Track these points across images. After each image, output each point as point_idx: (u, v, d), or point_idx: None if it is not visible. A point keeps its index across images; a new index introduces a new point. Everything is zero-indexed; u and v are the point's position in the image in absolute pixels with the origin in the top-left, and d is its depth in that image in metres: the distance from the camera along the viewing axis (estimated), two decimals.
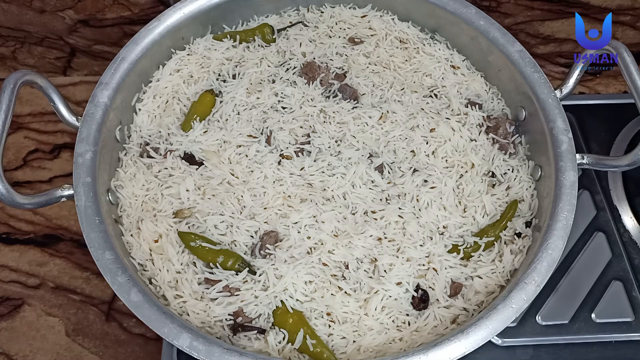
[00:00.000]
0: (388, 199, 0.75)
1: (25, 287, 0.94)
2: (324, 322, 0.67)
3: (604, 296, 0.82)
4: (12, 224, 0.99)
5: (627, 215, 0.89)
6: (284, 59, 0.87)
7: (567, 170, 0.72)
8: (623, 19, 1.08)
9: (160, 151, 0.77)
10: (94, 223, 0.66)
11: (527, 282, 0.65)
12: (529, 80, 0.79)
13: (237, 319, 0.67)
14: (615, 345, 0.79)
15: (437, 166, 0.78)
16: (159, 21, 0.82)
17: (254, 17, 0.91)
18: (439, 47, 0.89)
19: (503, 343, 0.78)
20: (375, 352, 0.66)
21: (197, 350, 0.60)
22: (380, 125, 0.80)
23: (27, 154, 1.06)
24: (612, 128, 0.97)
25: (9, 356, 0.89)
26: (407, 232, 0.72)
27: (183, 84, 0.84)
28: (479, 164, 0.78)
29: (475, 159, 0.78)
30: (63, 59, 1.14)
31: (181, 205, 0.73)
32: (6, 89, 0.68)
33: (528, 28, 1.10)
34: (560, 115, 0.75)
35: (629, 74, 0.73)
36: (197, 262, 0.70)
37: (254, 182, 0.75)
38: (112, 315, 0.92)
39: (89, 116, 0.73)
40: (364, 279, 0.69)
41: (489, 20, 0.84)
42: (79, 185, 0.68)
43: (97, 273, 0.80)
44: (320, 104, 0.82)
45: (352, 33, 0.90)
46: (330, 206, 0.73)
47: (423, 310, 0.69)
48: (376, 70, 0.86)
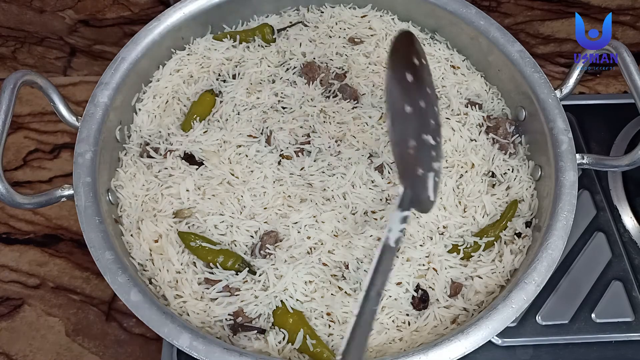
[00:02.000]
0: (388, 199, 0.75)
1: (25, 287, 0.94)
2: (324, 322, 0.67)
3: (604, 296, 0.82)
4: (12, 224, 0.99)
5: (627, 215, 0.89)
6: (284, 59, 0.87)
7: (567, 170, 0.72)
8: (623, 19, 1.08)
9: (160, 151, 0.77)
10: (94, 223, 0.66)
11: (527, 282, 0.65)
12: (529, 80, 0.79)
13: (237, 319, 0.67)
14: (615, 345, 0.79)
15: None
16: (159, 21, 0.82)
17: (254, 17, 0.91)
18: (439, 47, 0.89)
19: (503, 343, 0.78)
20: (375, 352, 0.66)
21: (197, 350, 0.60)
22: (380, 125, 0.80)
23: (27, 154, 1.06)
24: (612, 128, 0.97)
25: (9, 356, 0.89)
26: (407, 232, 0.72)
27: (183, 84, 0.84)
28: (479, 164, 0.78)
29: (475, 159, 0.79)
30: (63, 59, 1.14)
31: (181, 205, 0.73)
32: (6, 89, 0.68)
33: (528, 28, 1.10)
34: (560, 115, 0.76)
35: (629, 74, 0.73)
36: (197, 262, 0.70)
37: (254, 182, 0.75)
38: (112, 315, 0.92)
39: (89, 116, 0.73)
40: (364, 279, 0.69)
41: (489, 20, 0.84)
42: (79, 185, 0.68)
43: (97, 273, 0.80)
44: (320, 104, 0.82)
45: (352, 33, 0.90)
46: (330, 206, 0.73)
47: (423, 310, 0.69)
48: (376, 70, 0.86)
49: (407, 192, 0.58)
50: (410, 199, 0.58)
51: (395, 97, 0.59)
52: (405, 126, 0.59)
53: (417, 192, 0.59)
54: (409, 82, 0.59)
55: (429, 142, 0.60)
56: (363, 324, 0.53)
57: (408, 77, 0.60)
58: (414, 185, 0.59)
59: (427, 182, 0.60)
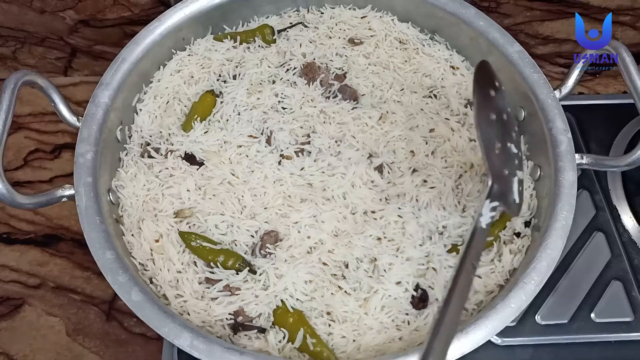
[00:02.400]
0: (387, 199, 0.75)
1: (25, 287, 0.94)
2: (324, 322, 0.67)
3: (603, 296, 0.82)
4: (12, 224, 0.99)
5: (626, 215, 0.89)
6: (284, 59, 0.87)
7: (567, 170, 0.72)
8: (623, 19, 1.08)
9: (161, 151, 0.78)
10: (95, 223, 0.67)
11: (526, 281, 0.65)
12: (528, 81, 0.79)
13: (237, 318, 0.67)
14: (615, 345, 0.79)
15: (436, 166, 0.78)
16: (160, 22, 0.83)
17: (254, 18, 0.91)
18: (439, 47, 0.90)
19: (502, 343, 0.78)
20: (375, 351, 0.66)
21: (197, 349, 0.60)
22: (379, 126, 0.81)
23: (27, 154, 1.06)
24: (611, 128, 0.97)
25: (9, 356, 0.89)
26: (407, 232, 0.72)
27: (184, 85, 0.84)
28: (478, 164, 0.79)
29: (475, 159, 0.79)
30: (64, 59, 1.14)
31: (182, 205, 0.73)
32: (7, 89, 0.68)
33: (527, 28, 1.10)
34: (559, 116, 0.76)
35: (628, 74, 0.73)
36: (198, 262, 0.70)
37: (255, 182, 0.75)
38: (112, 315, 0.92)
39: (90, 116, 0.74)
40: (363, 278, 0.69)
41: (489, 20, 0.84)
42: (79, 185, 0.69)
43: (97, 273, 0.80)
44: (320, 104, 0.82)
45: (352, 34, 0.90)
46: (330, 206, 0.74)
47: (422, 309, 0.69)
48: (376, 70, 0.86)
49: (495, 186, 0.64)
50: (498, 192, 0.64)
51: (482, 105, 0.67)
52: (491, 130, 0.66)
53: (503, 189, 0.64)
54: (492, 96, 0.68)
55: (512, 150, 0.67)
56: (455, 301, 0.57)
57: (491, 92, 0.68)
58: (500, 182, 0.64)
59: (513, 185, 0.65)
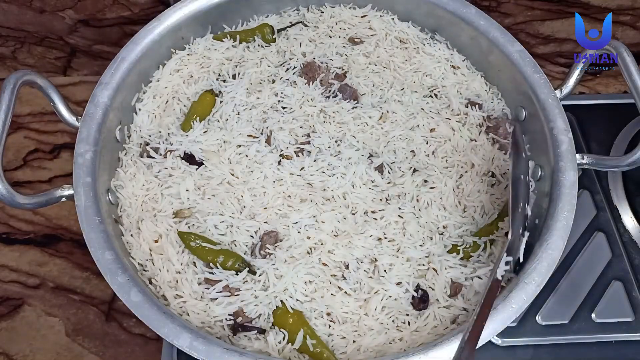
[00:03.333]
0: (388, 199, 0.75)
1: (25, 287, 0.94)
2: (324, 322, 0.67)
3: (604, 296, 0.82)
4: (12, 224, 0.99)
5: (627, 215, 0.89)
6: (284, 59, 0.87)
7: (567, 170, 0.72)
8: (623, 19, 1.08)
9: (160, 151, 0.77)
10: (94, 223, 0.66)
11: (527, 282, 0.65)
12: (529, 80, 0.79)
13: (237, 319, 0.67)
14: (615, 345, 0.79)
15: (437, 166, 0.78)
16: (159, 21, 0.82)
17: (254, 17, 0.91)
18: (439, 47, 0.89)
19: (503, 343, 0.78)
20: (375, 352, 0.66)
21: (197, 350, 0.60)
22: (380, 125, 0.80)
23: (27, 154, 1.06)
24: (612, 128, 0.97)
25: (9, 356, 0.89)
26: (407, 232, 0.72)
27: (183, 84, 0.84)
28: (479, 164, 0.78)
29: (475, 159, 0.79)
30: (63, 59, 1.14)
31: (181, 205, 0.73)
32: (6, 89, 0.68)
33: (528, 28, 1.10)
34: (560, 115, 0.76)
35: (629, 74, 0.73)
36: (197, 262, 0.70)
37: (254, 182, 0.75)
38: (112, 315, 0.92)
39: (89, 116, 0.74)
40: (364, 279, 0.69)
41: (489, 20, 0.84)
42: (79, 185, 0.68)
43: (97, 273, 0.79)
44: (320, 104, 0.82)
45: (352, 33, 0.90)
46: (330, 206, 0.73)
47: (423, 310, 0.69)
48: (376, 70, 0.86)
49: (514, 242, 0.67)
50: (513, 249, 0.67)
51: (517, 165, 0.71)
52: (520, 189, 0.70)
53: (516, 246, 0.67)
54: (524, 157, 0.73)
55: (527, 212, 0.70)
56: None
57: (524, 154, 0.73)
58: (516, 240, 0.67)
59: (521, 245, 0.68)
